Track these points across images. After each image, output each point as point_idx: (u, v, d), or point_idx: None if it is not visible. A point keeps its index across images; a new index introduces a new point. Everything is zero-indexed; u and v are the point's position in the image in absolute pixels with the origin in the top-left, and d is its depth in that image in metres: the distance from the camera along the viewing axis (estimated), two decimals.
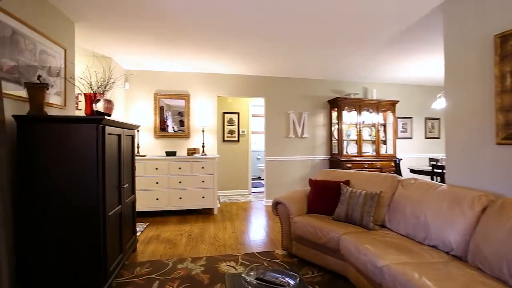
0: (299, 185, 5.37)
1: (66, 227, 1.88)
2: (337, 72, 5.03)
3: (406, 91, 6.02)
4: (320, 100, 5.50)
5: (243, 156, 6.26)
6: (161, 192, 4.27)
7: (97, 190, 1.91)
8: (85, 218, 1.90)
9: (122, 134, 2.40)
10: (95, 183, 1.90)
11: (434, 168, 4.05)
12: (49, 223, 1.87)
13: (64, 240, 1.89)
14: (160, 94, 4.79)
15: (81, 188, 1.89)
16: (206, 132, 4.89)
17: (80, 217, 1.90)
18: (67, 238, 1.89)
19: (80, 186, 1.89)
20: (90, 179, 1.90)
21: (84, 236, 1.90)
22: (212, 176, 4.44)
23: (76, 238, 1.90)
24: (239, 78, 5.12)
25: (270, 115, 5.26)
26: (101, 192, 1.92)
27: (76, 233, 1.89)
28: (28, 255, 1.85)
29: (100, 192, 1.92)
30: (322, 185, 2.88)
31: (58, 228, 1.87)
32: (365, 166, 5.20)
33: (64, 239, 1.89)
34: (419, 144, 6.14)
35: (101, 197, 1.93)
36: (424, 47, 3.67)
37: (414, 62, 4.39)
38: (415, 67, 4.66)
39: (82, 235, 1.90)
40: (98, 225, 1.91)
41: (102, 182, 1.93)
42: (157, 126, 4.77)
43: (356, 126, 5.45)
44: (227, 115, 6.17)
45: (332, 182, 2.86)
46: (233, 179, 6.18)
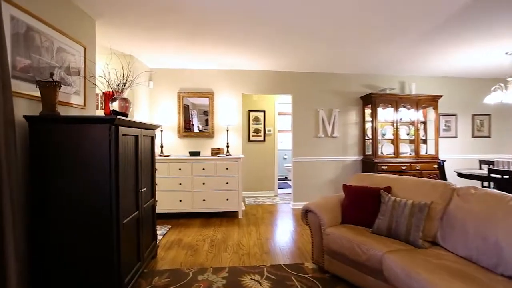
0: (329, 188, 5.01)
1: (76, 237, 1.75)
2: (371, 65, 4.60)
3: (450, 84, 5.41)
4: (352, 96, 5.09)
5: (269, 156, 6.01)
6: (184, 194, 4.14)
7: (109, 196, 1.75)
8: (97, 227, 1.76)
9: (139, 134, 2.25)
10: (107, 189, 1.75)
11: (491, 172, 3.50)
12: (57, 232, 1.74)
13: (75, 250, 1.75)
14: (184, 93, 4.67)
15: (92, 194, 1.75)
16: (231, 131, 4.70)
17: (92, 225, 1.76)
18: (78, 247, 1.75)
19: (92, 192, 1.75)
20: (102, 184, 1.75)
21: (96, 245, 1.76)
22: (237, 177, 4.24)
23: (88, 247, 1.76)
24: (264, 74, 4.86)
25: (297, 113, 4.95)
26: (114, 198, 1.77)
27: (87, 243, 1.76)
28: (36, 263, 1.74)
29: (113, 198, 1.76)
30: (358, 191, 2.54)
31: (67, 237, 1.75)
32: (402, 168, 4.73)
33: (75, 249, 1.75)
34: (464, 144, 5.50)
35: (115, 204, 1.77)
36: (480, 32, 3.17)
37: (465, 51, 3.85)
38: (464, 56, 4.10)
39: (93, 244, 1.76)
40: (110, 235, 1.76)
41: (116, 188, 1.77)
42: (181, 125, 4.65)
43: (392, 124, 4.98)
44: (253, 114, 5.95)
45: (371, 188, 2.51)
46: (258, 180, 5.95)
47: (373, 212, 2.37)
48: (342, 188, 2.70)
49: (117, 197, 1.78)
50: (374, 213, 2.35)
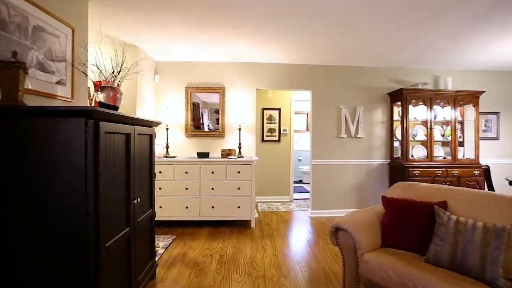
0: (352, 196, 4.48)
1: (40, 272, 1.32)
2: (400, 57, 4.06)
3: (492, 79, 4.78)
4: (378, 92, 4.55)
5: (285, 158, 5.52)
6: (191, 200, 3.72)
7: (85, 214, 1.32)
8: (69, 255, 1.33)
9: (132, 132, 1.82)
10: (82, 206, 1.32)
11: None
12: (11, 267, 1.32)
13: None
14: (192, 88, 4.24)
15: (62, 214, 1.32)
16: (243, 131, 4.24)
17: (62, 254, 1.33)
18: (44, 284, 1.33)
19: (61, 211, 1.32)
20: (75, 199, 1.32)
21: (68, 280, 1.33)
22: (250, 182, 3.78)
23: (58, 284, 1.33)
24: (281, 67, 4.39)
25: (317, 111, 4.45)
26: (92, 217, 1.34)
27: (56, 278, 1.33)
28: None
29: (90, 217, 1.33)
30: (404, 206, 2.03)
31: (28, 275, 1.32)
32: (437, 174, 4.15)
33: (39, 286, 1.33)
34: (507, 146, 4.85)
35: (93, 224, 1.34)
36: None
37: None
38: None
39: (65, 279, 1.33)
40: (86, 265, 1.33)
41: (94, 203, 1.34)
42: (189, 124, 4.23)
43: (425, 123, 4.41)
44: (267, 112, 5.48)
45: (421, 203, 2.00)
46: (272, 184, 5.47)
47: (424, 234, 1.86)
48: (381, 200, 2.19)
49: (96, 215, 1.35)
50: (425, 235, 1.84)
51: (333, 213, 4.43)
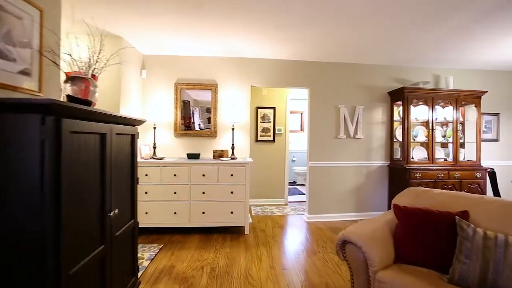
0: (351, 199, 4.28)
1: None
2: (401, 56, 3.88)
3: (492, 79, 4.66)
4: (378, 91, 4.35)
5: (279, 159, 5.28)
6: (180, 205, 3.43)
7: (42, 235, 1.04)
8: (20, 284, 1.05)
9: (108, 132, 1.54)
10: (37, 225, 1.04)
11: None
12: None
13: None
14: (182, 84, 3.95)
15: (12, 235, 1.04)
16: (237, 130, 3.98)
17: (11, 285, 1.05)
18: None
19: (10, 233, 1.04)
20: (28, 217, 1.04)
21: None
22: (244, 186, 3.52)
23: None
24: (277, 64, 4.14)
25: (315, 110, 4.22)
26: (52, 238, 1.06)
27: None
28: None
29: (48, 238, 1.05)
30: (419, 216, 1.81)
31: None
32: (439, 176, 3.99)
33: None
34: (507, 148, 4.75)
35: (52, 247, 1.06)
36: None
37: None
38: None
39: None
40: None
41: (54, 222, 1.06)
42: (178, 122, 3.94)
43: (425, 124, 4.25)
44: (261, 110, 5.23)
45: (438, 213, 1.78)
46: (267, 186, 5.23)
47: (444, 249, 1.64)
48: (393, 209, 1.97)
49: (56, 238, 1.07)
50: (446, 250, 1.63)
51: (331, 218, 4.22)
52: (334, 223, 4.07)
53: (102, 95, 3.16)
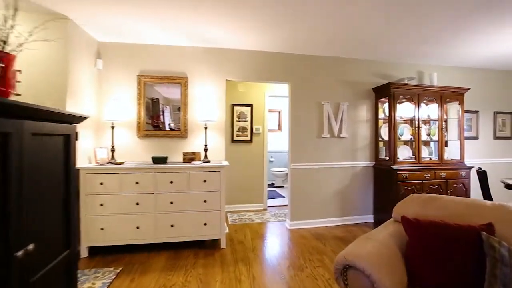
0: (335, 203, 3.98)
1: None
2: (386, 49, 3.64)
3: (473, 77, 4.60)
4: (362, 88, 4.10)
5: (257, 161, 4.89)
6: (143, 218, 2.91)
7: None
8: None
9: (15, 131, 1.03)
10: None
11: None
12: None
13: None
14: (146, 76, 3.42)
15: None
16: (210, 130, 3.53)
17: None
18: None
19: None
20: None
21: None
22: (219, 193, 3.07)
23: None
24: (255, 56, 3.74)
25: (297, 107, 3.87)
26: None
27: None
28: None
29: None
30: (435, 231, 1.49)
31: None
32: (426, 176, 3.80)
33: None
34: (485, 146, 4.71)
35: None
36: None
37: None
38: (498, 42, 3.22)
39: None
40: None
41: None
42: (142, 121, 3.40)
43: (410, 122, 4.07)
44: (237, 108, 4.80)
45: (457, 227, 1.47)
46: (244, 191, 4.81)
47: (468, 271, 1.33)
48: (402, 223, 1.63)
49: None
50: (470, 273, 1.32)
51: (315, 224, 3.89)
52: (319, 230, 3.74)
53: (43, 86, 2.57)
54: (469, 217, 1.58)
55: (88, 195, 2.77)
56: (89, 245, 2.81)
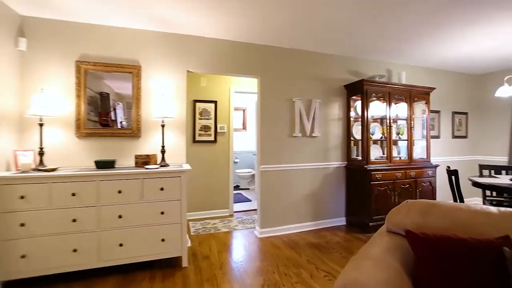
0: (308, 206, 3.73)
1: None
2: (357, 44, 3.48)
3: (435, 77, 4.70)
4: (334, 84, 3.91)
5: (222, 162, 4.47)
6: (82, 237, 2.33)
7: None
8: None
9: None
10: None
11: None
12: None
13: None
14: (88, 63, 2.81)
15: None
16: (169, 129, 3.04)
17: None
18: None
19: None
20: None
21: None
22: (179, 202, 2.60)
23: None
24: (221, 45, 3.32)
25: (267, 104, 3.53)
26: None
27: None
28: None
29: None
30: (446, 247, 1.24)
31: None
32: (397, 176, 3.73)
33: None
34: (446, 144, 4.87)
35: None
36: None
37: (484, 33, 2.93)
38: (476, 41, 3.22)
39: None
40: None
41: None
42: (83, 117, 2.79)
43: (380, 121, 4.00)
44: (200, 105, 4.33)
45: (473, 242, 1.23)
46: (208, 196, 4.35)
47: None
48: (407, 237, 1.36)
49: None
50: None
51: (287, 230, 3.60)
52: (291, 237, 3.45)
53: None
54: (478, 227, 1.37)
55: (3, 213, 2.12)
56: (3, 280, 2.15)
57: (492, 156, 4.89)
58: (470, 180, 3.25)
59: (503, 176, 3.39)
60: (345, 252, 3.00)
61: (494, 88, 4.83)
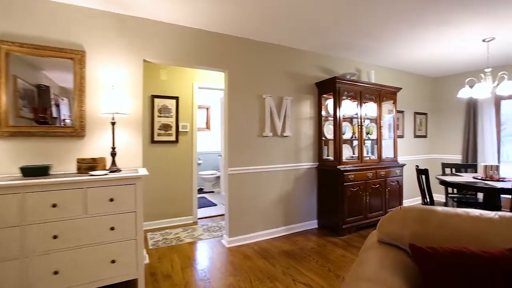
0: (279, 211, 3.50)
1: None
2: (330, 39, 3.34)
3: (401, 79, 4.79)
4: (306, 81, 3.73)
5: (185, 165, 4.04)
6: (2, 267, 1.80)
7: None
8: None
9: None
10: None
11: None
12: None
13: None
14: (13, 43, 2.23)
15: None
16: (121, 127, 2.57)
17: None
18: None
19: None
20: None
21: None
22: (134, 214, 2.17)
23: None
24: (184, 33, 2.92)
25: (235, 100, 3.22)
26: None
27: None
28: None
29: None
30: (458, 262, 1.05)
31: None
32: (369, 176, 3.67)
33: None
34: (409, 144, 5.00)
35: None
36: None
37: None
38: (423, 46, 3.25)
39: None
40: None
41: None
42: (3, 112, 2.20)
43: (350, 120, 3.93)
44: (159, 101, 3.86)
45: (485, 256, 1.06)
46: (169, 202, 3.90)
47: None
48: (412, 253, 1.15)
49: None
50: None
51: (258, 237, 3.32)
52: (263, 245, 3.18)
53: None
54: (483, 236, 1.21)
55: None
56: None
57: (448, 154, 5.14)
58: (437, 178, 3.28)
59: (465, 174, 3.49)
60: (321, 259, 2.81)
61: (449, 90, 5.08)
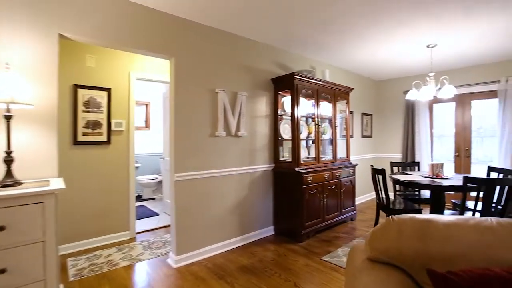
0: (233, 220, 3.13)
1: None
2: (288, 32, 3.11)
3: (351, 80, 4.85)
4: (261, 76, 3.43)
5: (119, 170, 3.37)
6: None
7: None
8: None
9: None
10: None
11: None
12: None
13: None
14: None
15: None
16: (23, 123, 1.89)
17: None
18: None
19: None
20: None
21: None
22: (41, 245, 1.56)
23: None
24: (120, 6, 2.33)
25: (183, 94, 2.73)
26: None
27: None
28: None
29: None
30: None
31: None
32: (326, 178, 3.54)
33: None
34: (357, 143, 5.11)
35: None
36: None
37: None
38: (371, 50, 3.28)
39: None
40: None
41: None
42: None
43: (306, 119, 3.77)
44: (84, 92, 3.12)
45: (508, 277, 0.86)
46: (98, 217, 3.19)
47: None
48: (430, 278, 0.90)
49: None
50: None
51: (210, 252, 2.89)
52: (217, 260, 2.77)
53: None
54: (491, 250, 1.05)
55: None
56: None
57: (390, 153, 5.42)
58: (391, 177, 3.30)
59: (413, 172, 3.61)
60: (284, 272, 2.52)
61: (392, 92, 5.36)
